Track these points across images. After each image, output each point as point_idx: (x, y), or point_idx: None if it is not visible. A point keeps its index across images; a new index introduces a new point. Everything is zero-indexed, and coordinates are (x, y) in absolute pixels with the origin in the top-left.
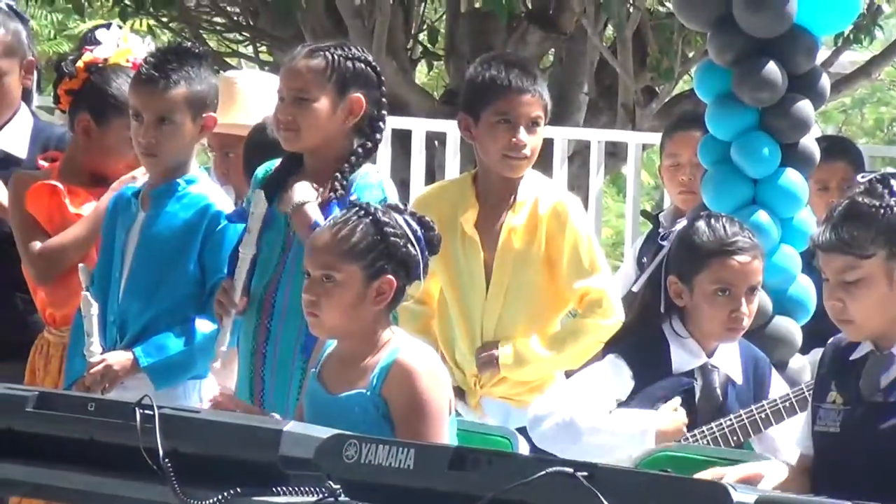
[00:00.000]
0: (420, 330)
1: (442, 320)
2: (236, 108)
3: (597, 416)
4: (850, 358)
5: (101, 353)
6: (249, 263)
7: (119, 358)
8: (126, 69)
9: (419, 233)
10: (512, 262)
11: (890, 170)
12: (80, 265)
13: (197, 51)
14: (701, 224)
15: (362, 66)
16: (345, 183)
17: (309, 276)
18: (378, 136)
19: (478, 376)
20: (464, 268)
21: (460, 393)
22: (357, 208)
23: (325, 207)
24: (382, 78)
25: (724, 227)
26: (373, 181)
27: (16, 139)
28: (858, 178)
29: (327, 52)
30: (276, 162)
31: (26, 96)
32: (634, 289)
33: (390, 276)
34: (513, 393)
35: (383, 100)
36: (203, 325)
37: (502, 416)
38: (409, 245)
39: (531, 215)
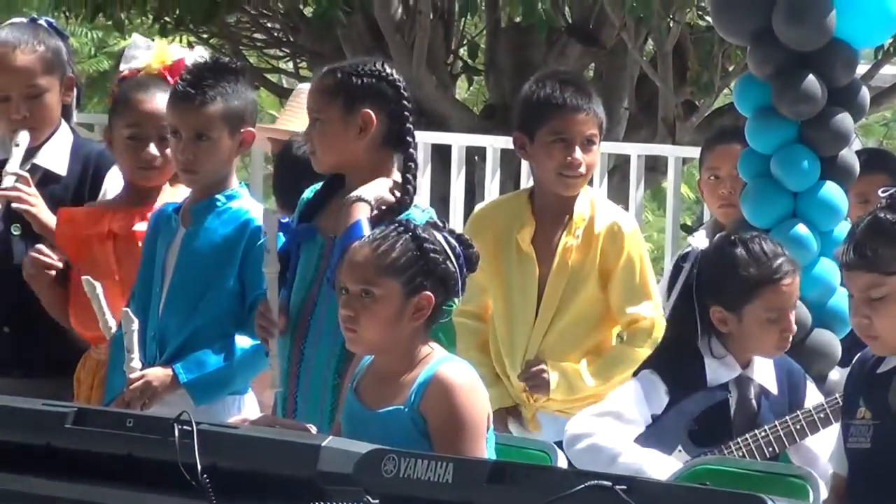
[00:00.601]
0: (479, 346)
1: (494, 334)
2: (301, 117)
3: (628, 448)
4: (878, 372)
5: (141, 369)
6: (277, 281)
7: (158, 374)
8: (155, 77)
9: (458, 249)
10: (566, 280)
11: None
12: (84, 277)
13: (234, 66)
14: (739, 252)
15: (372, 80)
16: (399, 204)
17: (347, 291)
18: (410, 150)
19: (527, 391)
20: (517, 283)
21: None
22: (396, 224)
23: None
24: (404, 92)
25: (765, 253)
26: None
27: (56, 156)
28: (879, 192)
29: (338, 71)
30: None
31: (66, 113)
32: (665, 313)
33: (429, 293)
34: (569, 406)
35: (405, 113)
36: (243, 341)
37: (558, 429)
38: (447, 262)
39: (586, 233)
